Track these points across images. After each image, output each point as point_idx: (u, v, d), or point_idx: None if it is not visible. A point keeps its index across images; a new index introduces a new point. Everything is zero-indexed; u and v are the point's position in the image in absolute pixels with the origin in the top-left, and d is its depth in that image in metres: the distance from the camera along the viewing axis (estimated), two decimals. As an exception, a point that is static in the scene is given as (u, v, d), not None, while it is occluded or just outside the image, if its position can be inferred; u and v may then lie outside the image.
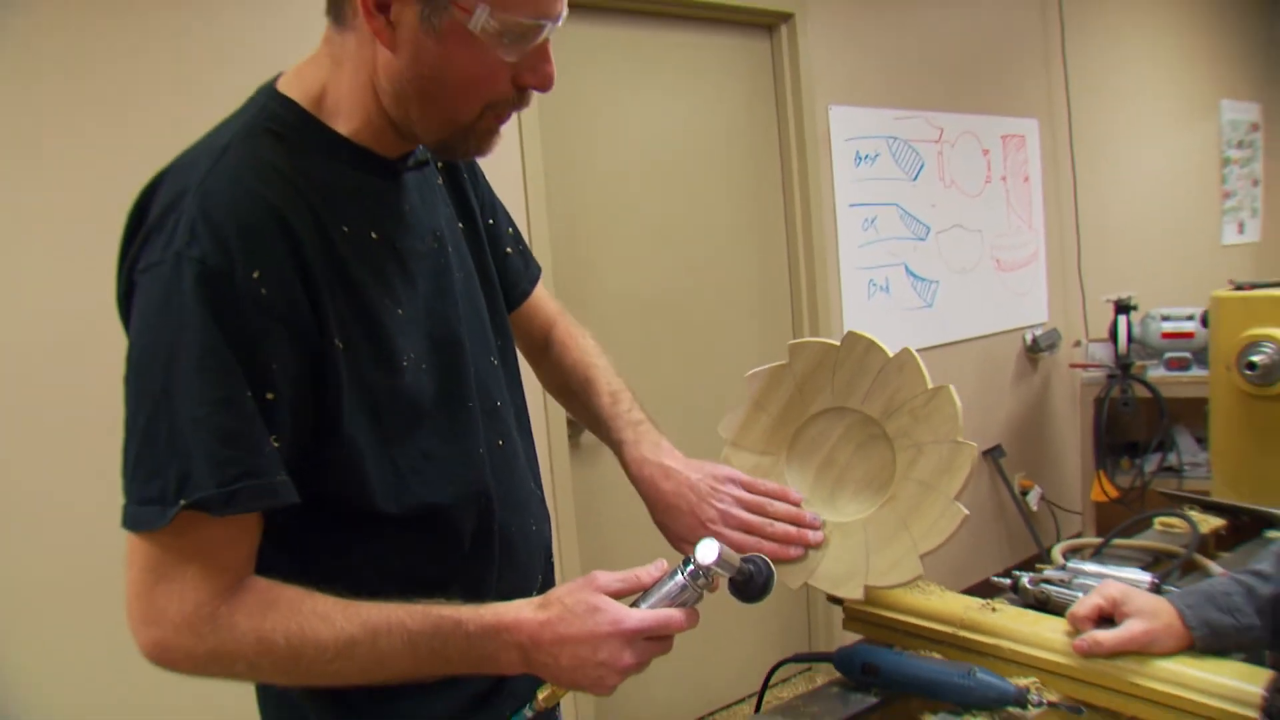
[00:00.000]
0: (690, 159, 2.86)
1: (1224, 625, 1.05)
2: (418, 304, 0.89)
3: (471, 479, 0.92)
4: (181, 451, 0.73)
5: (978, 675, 1.09)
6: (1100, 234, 4.21)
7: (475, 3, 0.75)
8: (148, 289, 0.75)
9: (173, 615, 0.75)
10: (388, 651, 0.79)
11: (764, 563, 0.92)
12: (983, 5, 3.72)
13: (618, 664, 0.81)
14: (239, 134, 0.80)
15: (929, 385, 1.11)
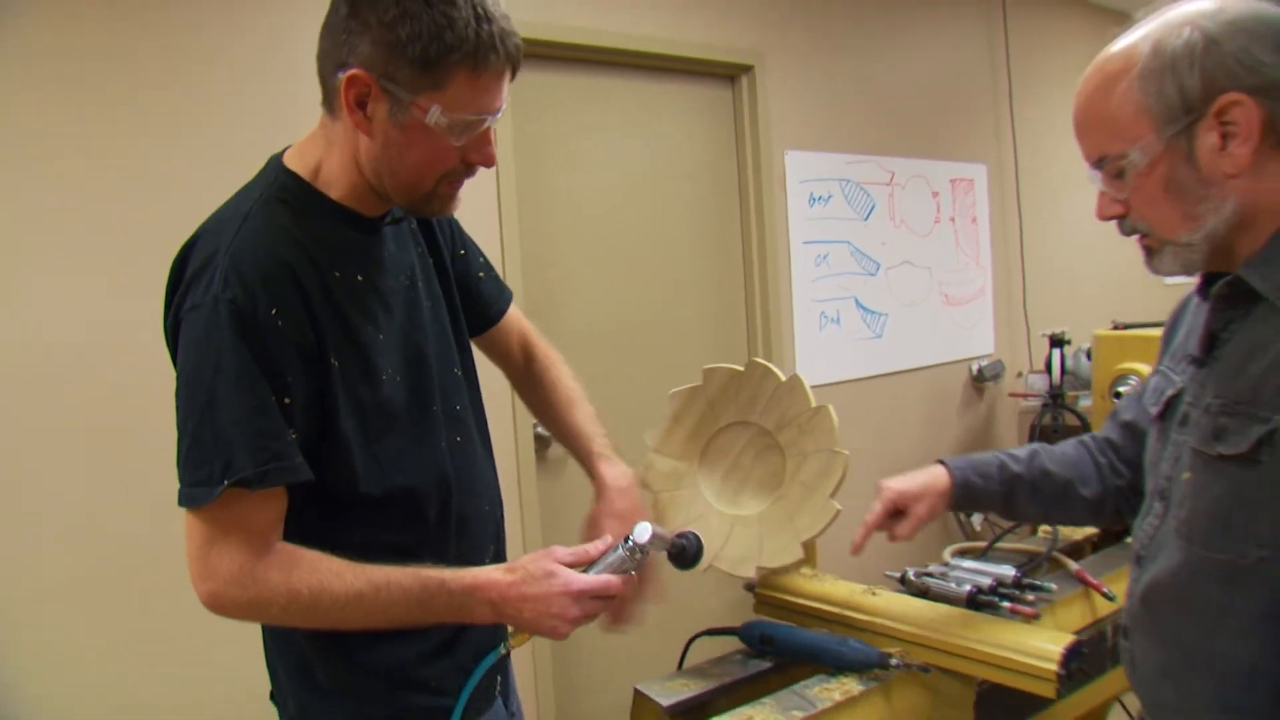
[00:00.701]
0: (656, 198, 3.10)
1: (976, 486, 1.31)
2: (394, 330, 1.11)
3: (435, 468, 1.13)
4: (224, 445, 0.95)
5: (851, 644, 1.34)
6: (1044, 272, 4.48)
7: (430, 104, 0.97)
8: (193, 324, 0.97)
9: (223, 572, 0.97)
10: (387, 602, 1.01)
11: (694, 537, 1.16)
12: (933, 56, 3.99)
13: (567, 616, 1.04)
14: (258, 202, 1.03)
15: (812, 404, 1.36)
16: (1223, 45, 0.88)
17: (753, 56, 3.25)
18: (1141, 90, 0.92)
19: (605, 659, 2.91)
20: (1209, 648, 0.97)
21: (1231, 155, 0.89)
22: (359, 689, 1.11)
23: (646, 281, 3.08)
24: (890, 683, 1.30)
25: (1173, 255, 0.97)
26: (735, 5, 3.21)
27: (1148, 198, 0.95)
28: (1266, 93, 0.87)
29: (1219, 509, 0.94)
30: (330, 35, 1.00)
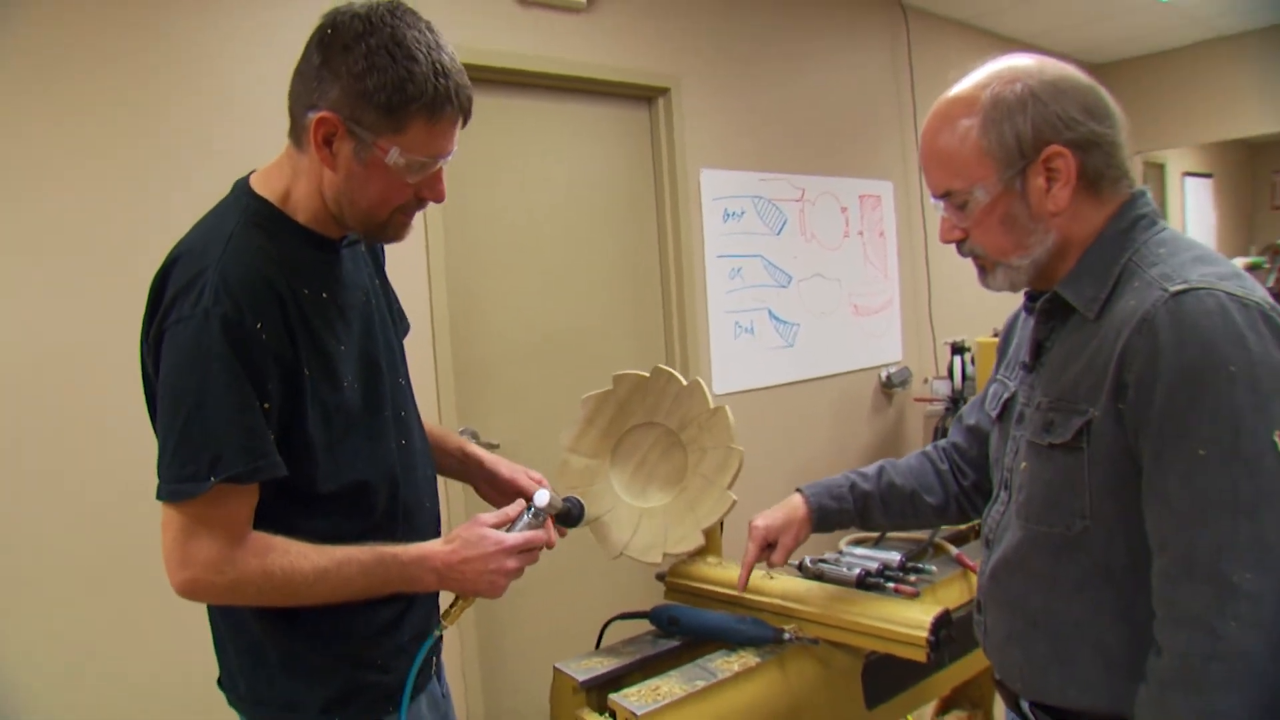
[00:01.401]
0: (577, 214, 3.23)
1: (831, 508, 1.47)
2: (352, 342, 1.22)
3: (385, 466, 1.24)
4: (213, 443, 1.04)
5: (749, 622, 1.47)
6: (948, 283, 4.72)
7: (390, 145, 1.09)
8: (180, 334, 1.06)
9: (202, 560, 1.07)
10: (347, 576, 1.13)
11: (577, 501, 1.37)
12: (841, 78, 4.19)
13: (503, 569, 1.18)
14: (238, 225, 1.13)
15: (711, 405, 1.49)
16: (1046, 103, 1.05)
17: (669, 79, 3.40)
18: (983, 136, 1.07)
19: (527, 642, 2.99)
20: (1045, 610, 1.13)
21: (1055, 197, 1.06)
22: (309, 668, 1.19)
23: (568, 294, 3.19)
24: (784, 655, 1.43)
25: (1004, 275, 1.15)
26: (652, 30, 3.36)
27: (987, 228, 1.12)
28: (1079, 146, 1.05)
29: (1050, 490, 1.10)
30: (302, 80, 1.12)
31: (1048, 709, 1.15)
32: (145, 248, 2.16)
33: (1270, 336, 0.93)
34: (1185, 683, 0.93)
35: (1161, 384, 0.95)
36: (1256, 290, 0.97)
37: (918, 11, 4.56)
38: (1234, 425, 0.91)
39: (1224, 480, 0.92)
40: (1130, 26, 5.21)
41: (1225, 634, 0.90)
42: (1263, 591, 0.89)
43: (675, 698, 1.29)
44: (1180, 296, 0.96)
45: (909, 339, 4.52)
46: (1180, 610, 0.95)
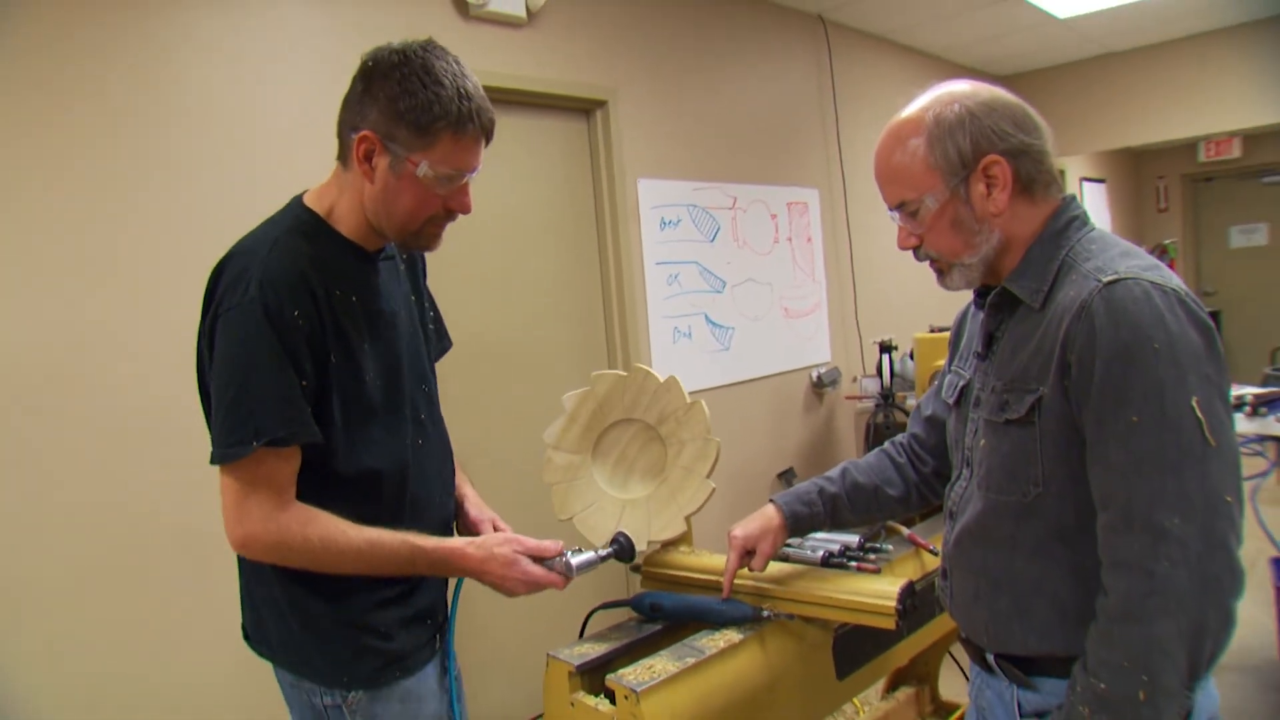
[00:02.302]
0: (519, 224, 3.29)
1: (803, 514, 1.57)
2: (376, 343, 1.36)
3: (398, 457, 1.37)
4: (257, 413, 1.20)
5: (729, 603, 1.56)
6: (872, 286, 4.93)
7: (421, 160, 1.25)
8: (230, 321, 1.22)
9: (256, 517, 1.23)
10: (380, 557, 1.27)
11: (625, 537, 1.49)
12: (769, 91, 4.35)
13: (517, 592, 1.36)
14: (284, 232, 1.29)
15: (687, 400, 1.58)
16: (981, 119, 1.20)
17: (606, 92, 3.49)
18: (929, 151, 1.21)
19: (516, 634, 3.06)
20: (1007, 570, 1.25)
21: (995, 200, 1.21)
22: (320, 628, 1.33)
23: (512, 302, 3.25)
24: (763, 631, 1.53)
25: (959, 274, 1.28)
26: (590, 44, 3.45)
27: (939, 232, 1.26)
28: (1012, 154, 1.20)
29: (1007, 462, 1.23)
30: (347, 106, 1.29)
31: (1011, 659, 1.27)
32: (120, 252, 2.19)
33: (1185, 317, 1.08)
34: (1127, 616, 1.07)
35: (1100, 361, 1.09)
36: (1173, 279, 1.12)
37: (838, 26, 4.76)
38: (1159, 394, 1.06)
39: (1153, 442, 1.06)
40: (1031, 42, 5.52)
41: (1158, 572, 1.04)
42: (1187, 535, 1.03)
43: (670, 674, 1.37)
44: (1112, 286, 1.10)
45: (837, 340, 4.70)
46: (1121, 556, 1.08)
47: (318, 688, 1.35)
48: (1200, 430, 1.04)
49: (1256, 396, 2.89)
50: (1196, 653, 1.03)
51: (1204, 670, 1.04)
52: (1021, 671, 1.26)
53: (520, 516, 3.16)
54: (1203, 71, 5.65)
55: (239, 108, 2.45)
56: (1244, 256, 8.88)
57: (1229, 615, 1.04)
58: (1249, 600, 3.93)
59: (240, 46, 2.47)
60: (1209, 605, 1.03)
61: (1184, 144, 8.42)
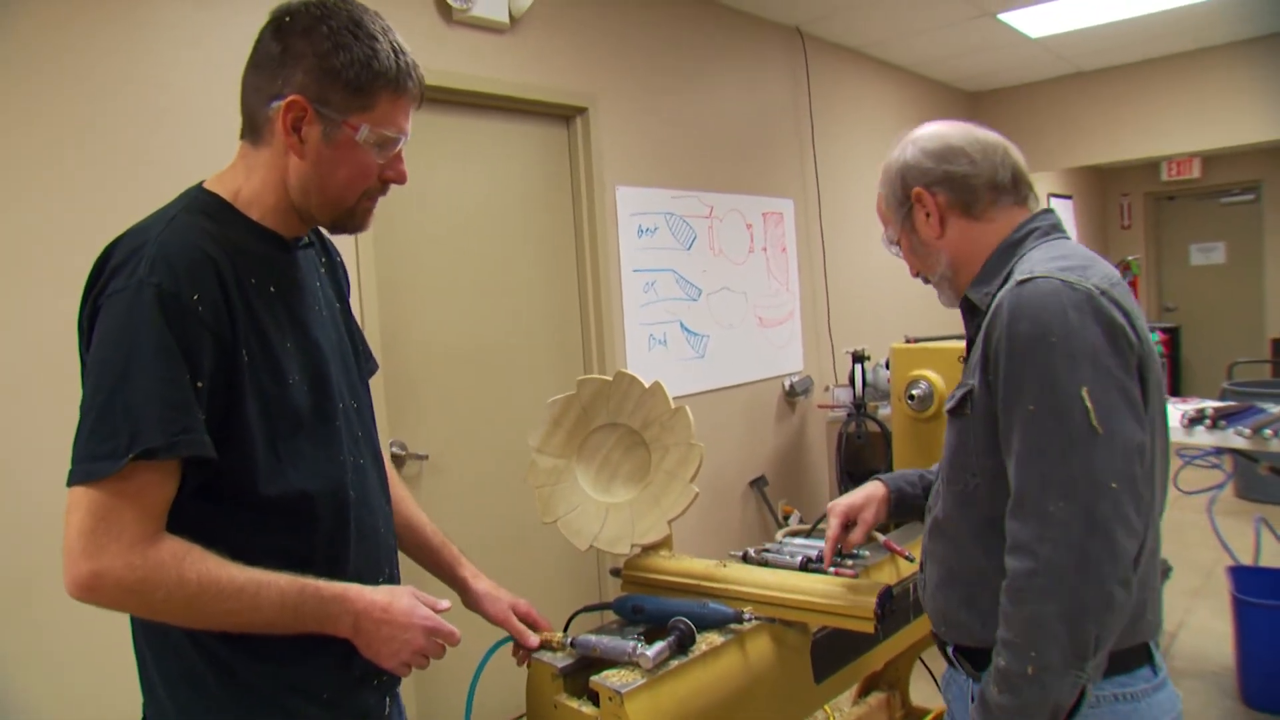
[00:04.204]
0: (499, 229, 3.30)
1: (908, 492, 1.65)
2: (299, 342, 1.17)
3: (333, 478, 1.17)
4: (134, 417, 0.98)
5: (710, 606, 1.58)
6: (845, 296, 4.99)
7: (360, 123, 1.11)
8: (113, 307, 1.01)
9: (112, 549, 0.97)
10: (264, 600, 1.05)
11: (686, 624, 1.46)
12: (746, 102, 4.39)
13: (414, 645, 1.15)
14: (182, 210, 1.10)
15: (671, 406, 1.60)
16: (909, 161, 1.36)
17: (586, 99, 3.51)
18: (885, 194, 1.41)
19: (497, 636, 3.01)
20: (958, 559, 1.31)
21: (930, 225, 1.35)
22: (255, 697, 1.12)
23: (491, 306, 3.26)
24: (744, 634, 1.55)
25: (938, 288, 1.42)
26: (571, 52, 3.47)
27: (910, 258, 1.43)
28: (936, 185, 1.34)
29: (952, 453, 1.31)
30: (259, 72, 1.12)
31: (965, 652, 1.31)
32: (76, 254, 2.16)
33: (1089, 314, 1.13)
34: (1016, 597, 1.12)
35: (1004, 354, 1.16)
36: (1092, 279, 1.17)
37: (815, 39, 4.82)
38: (1052, 384, 1.12)
39: (1046, 429, 1.12)
40: (1003, 60, 5.62)
41: (1042, 554, 1.10)
42: (1070, 519, 1.09)
43: (653, 676, 1.39)
44: (1023, 284, 1.17)
45: (810, 349, 4.75)
46: (1015, 539, 1.14)
47: None
48: (1088, 418, 1.10)
49: (1216, 410, 2.96)
50: (1079, 632, 1.08)
51: (1090, 650, 1.08)
52: (972, 665, 1.30)
53: (500, 521, 3.18)
54: (1166, 93, 5.79)
55: (221, 107, 2.44)
56: (1203, 274, 9.09)
57: (1109, 598, 1.08)
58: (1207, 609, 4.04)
59: (222, 46, 2.46)
60: (1088, 587, 1.08)
61: (1147, 163, 8.61)
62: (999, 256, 1.30)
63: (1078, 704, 1.13)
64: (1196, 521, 4.96)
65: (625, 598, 1.65)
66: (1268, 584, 3.24)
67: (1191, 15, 4.91)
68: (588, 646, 1.47)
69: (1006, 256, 1.29)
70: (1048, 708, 1.10)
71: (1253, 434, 2.73)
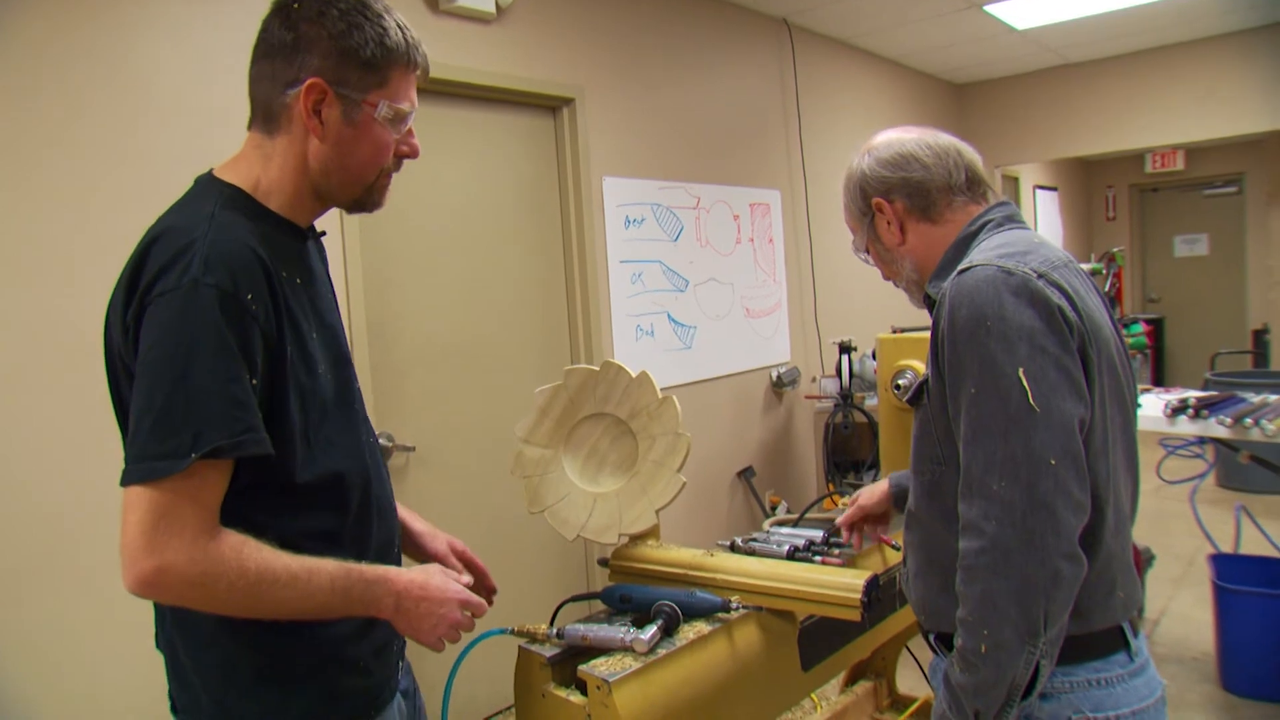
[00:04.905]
0: (485, 220, 3.29)
1: (903, 487, 1.69)
2: (322, 331, 1.21)
3: (358, 457, 1.22)
4: (197, 416, 0.99)
5: (698, 594, 1.59)
6: (832, 287, 5.00)
7: (378, 99, 1.14)
8: (166, 306, 1.02)
9: (174, 545, 0.99)
10: (316, 586, 1.08)
11: (670, 606, 1.49)
12: (733, 93, 4.39)
13: (450, 617, 1.19)
14: (218, 205, 1.11)
15: (659, 396, 1.60)
16: (865, 171, 1.39)
17: (573, 90, 3.50)
18: (848, 204, 1.44)
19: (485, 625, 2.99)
20: (933, 548, 1.33)
21: (892, 233, 1.39)
22: (289, 675, 1.14)
23: (477, 298, 3.25)
24: (732, 623, 1.56)
25: (907, 292, 1.45)
26: (558, 42, 3.46)
27: (878, 264, 1.46)
28: (892, 192, 1.37)
29: (917, 443, 1.33)
30: (272, 62, 1.14)
31: (946, 639, 1.32)
32: (56, 248, 2.15)
33: (1025, 298, 1.16)
34: (968, 576, 1.15)
35: (949, 340, 1.19)
36: (1030, 264, 1.19)
37: (802, 30, 4.82)
38: (990, 366, 1.14)
39: (986, 410, 1.14)
40: (989, 51, 5.63)
41: (988, 532, 1.12)
42: (1013, 497, 1.11)
43: (641, 664, 1.39)
44: (964, 272, 1.20)
45: (796, 340, 4.76)
46: (964, 519, 1.16)
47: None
48: (1025, 398, 1.12)
49: (1199, 399, 2.99)
50: (1029, 608, 1.10)
51: (1040, 625, 1.10)
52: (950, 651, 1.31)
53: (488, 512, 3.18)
54: (1151, 85, 5.82)
55: (202, 99, 2.43)
56: (1186, 265, 9.15)
57: (1056, 573, 1.10)
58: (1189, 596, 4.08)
59: (209, 38, 2.44)
60: (1033, 563, 1.10)
61: (1132, 155, 8.66)
62: (954, 251, 1.33)
63: (1034, 680, 1.15)
64: (1179, 510, 5.01)
65: (613, 587, 1.66)
66: (1248, 571, 3.27)
67: (1175, 8, 4.94)
68: (576, 636, 1.47)
69: (961, 250, 1.32)
70: (1005, 684, 1.13)
71: (1234, 423, 2.76)
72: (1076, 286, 1.22)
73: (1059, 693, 1.19)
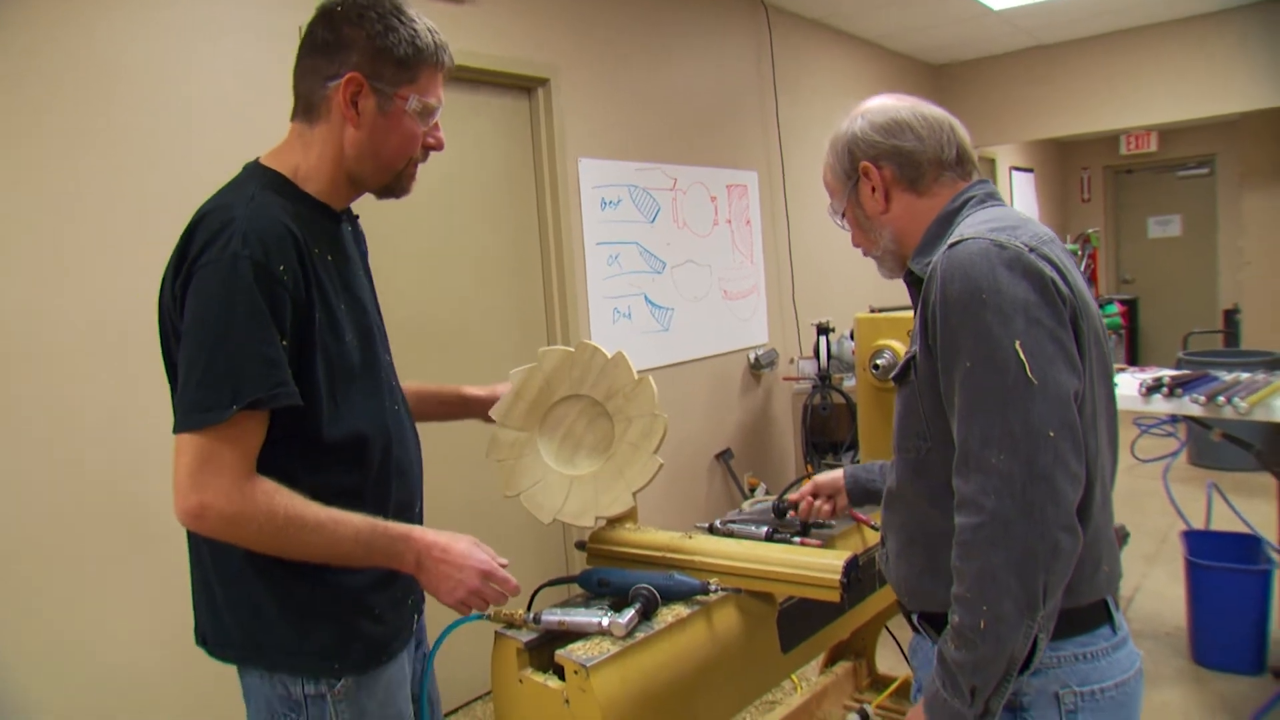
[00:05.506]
0: (459, 203, 3.24)
1: (861, 476, 1.73)
2: (350, 303, 1.34)
3: (380, 421, 1.34)
4: (236, 373, 1.13)
5: (676, 577, 1.57)
6: (810, 268, 4.99)
7: (409, 94, 1.28)
8: (208, 275, 1.15)
9: (214, 484, 1.13)
10: (341, 535, 1.21)
11: (648, 589, 1.48)
12: (709, 73, 4.36)
13: (469, 584, 1.29)
14: (259, 188, 1.24)
15: (635, 377, 1.58)
16: (857, 134, 1.36)
17: (548, 70, 3.45)
18: (831, 163, 1.41)
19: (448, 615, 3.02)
20: (917, 526, 1.31)
21: (876, 199, 1.36)
22: (309, 613, 1.26)
23: (452, 280, 3.21)
24: (711, 606, 1.54)
25: (881, 264, 1.43)
26: (531, 22, 3.41)
27: (853, 231, 1.43)
28: (882, 159, 1.35)
29: (902, 421, 1.32)
30: (314, 58, 1.28)
31: (929, 619, 1.31)
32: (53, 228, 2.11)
33: (1019, 270, 1.15)
34: (965, 551, 1.13)
35: (941, 315, 1.17)
36: (1021, 238, 1.18)
37: (779, 10, 4.78)
38: (986, 339, 1.13)
39: (983, 384, 1.13)
40: (965, 32, 5.62)
41: (987, 506, 1.11)
42: (1012, 470, 1.10)
43: (619, 649, 1.38)
44: (955, 246, 1.19)
45: (774, 322, 4.75)
46: (961, 494, 1.15)
47: (299, 679, 1.26)
48: (1023, 370, 1.11)
49: (1173, 378, 3.00)
50: (1029, 581, 1.09)
51: (1040, 599, 1.09)
52: (936, 631, 1.31)
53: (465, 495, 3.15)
54: (1125, 67, 5.84)
55: (176, 78, 2.37)
56: (1160, 246, 9.22)
57: (1056, 545, 1.09)
58: (1163, 573, 4.11)
59: (175, 15, 2.38)
60: (1034, 535, 1.08)
61: (1106, 136, 8.70)
62: (937, 226, 1.32)
63: (1031, 655, 1.14)
64: (1152, 489, 5.06)
65: (590, 571, 1.64)
66: (1219, 547, 3.31)
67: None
68: (553, 621, 1.45)
69: (944, 225, 1.31)
70: (1004, 660, 1.11)
71: (1208, 401, 2.77)
72: (1065, 261, 1.21)
73: (1046, 668, 1.19)
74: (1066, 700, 1.21)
